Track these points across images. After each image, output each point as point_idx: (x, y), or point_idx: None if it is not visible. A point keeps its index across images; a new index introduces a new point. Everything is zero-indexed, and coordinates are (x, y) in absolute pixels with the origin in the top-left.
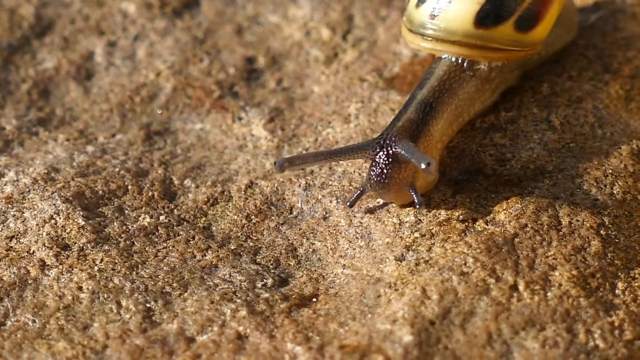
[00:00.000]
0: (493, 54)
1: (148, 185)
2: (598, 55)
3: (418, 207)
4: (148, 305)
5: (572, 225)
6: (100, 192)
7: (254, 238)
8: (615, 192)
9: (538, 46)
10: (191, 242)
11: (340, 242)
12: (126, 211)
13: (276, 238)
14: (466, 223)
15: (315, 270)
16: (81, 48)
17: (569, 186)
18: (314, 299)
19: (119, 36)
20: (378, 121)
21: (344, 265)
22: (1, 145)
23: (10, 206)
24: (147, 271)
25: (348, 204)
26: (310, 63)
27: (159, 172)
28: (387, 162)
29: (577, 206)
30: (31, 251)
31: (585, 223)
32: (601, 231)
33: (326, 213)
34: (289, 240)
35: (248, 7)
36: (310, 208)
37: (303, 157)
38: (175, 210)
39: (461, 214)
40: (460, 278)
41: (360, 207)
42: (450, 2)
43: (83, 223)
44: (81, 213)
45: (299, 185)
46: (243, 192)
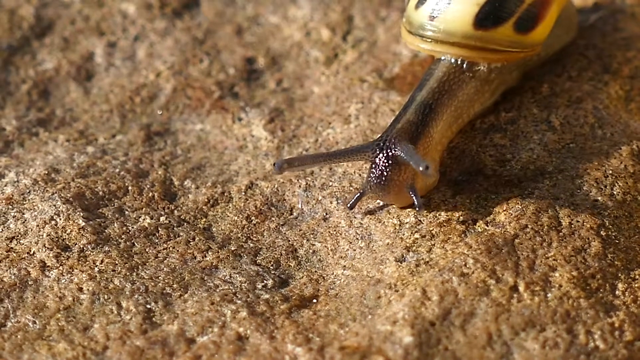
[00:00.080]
0: (492, 56)
1: (148, 186)
2: (598, 55)
3: (418, 210)
4: (148, 306)
5: (572, 226)
6: (100, 193)
7: (254, 239)
8: (615, 193)
9: (538, 47)
10: (191, 243)
11: (340, 243)
12: (126, 212)
13: (276, 239)
14: (466, 224)
15: (315, 271)
16: (81, 49)
17: (569, 187)
18: (314, 300)
19: (119, 37)
20: (378, 122)
21: (344, 266)
22: (1, 146)
23: (10, 207)
24: (148, 272)
25: (348, 206)
26: (310, 64)
27: (159, 173)
28: (387, 164)
29: (577, 207)
30: (31, 252)
31: (585, 224)
32: (601, 232)
33: (326, 214)
34: (289, 241)
35: (248, 8)
36: (310, 209)
37: (302, 159)
38: (175, 211)
39: (461, 215)
40: (460, 279)
41: (360, 208)
42: (449, 4)
43: (83, 224)
44: (81, 214)
45: (299, 186)
46: (243, 193)
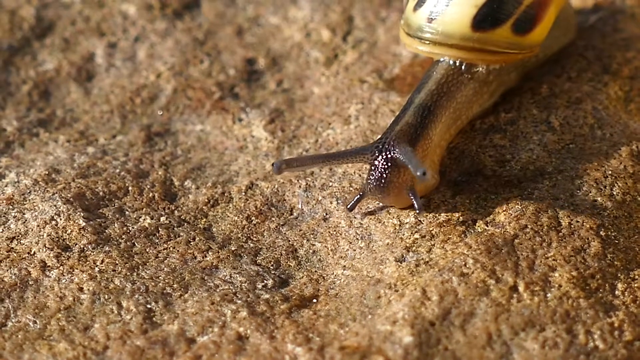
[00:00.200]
0: (491, 57)
1: (149, 186)
2: (597, 56)
3: (418, 213)
4: (149, 306)
5: (572, 226)
6: (100, 193)
7: (255, 239)
8: (614, 193)
9: (536, 48)
10: (192, 243)
11: (340, 243)
12: (127, 212)
13: (276, 239)
14: (466, 224)
15: (315, 271)
16: (82, 49)
17: (569, 187)
18: (314, 300)
19: (120, 37)
20: (378, 122)
21: (344, 266)
22: (2, 146)
23: (11, 207)
24: (148, 272)
25: (348, 208)
26: (310, 64)
27: (160, 173)
28: (386, 167)
29: (577, 207)
30: (32, 252)
31: (585, 224)
32: (601, 232)
33: (326, 214)
34: (290, 241)
35: (248, 9)
36: (310, 209)
37: (301, 160)
38: (175, 211)
39: (461, 215)
40: (460, 279)
41: (360, 209)
42: (447, 6)
43: (84, 224)
44: (82, 214)
45: (300, 186)
46: (243, 193)
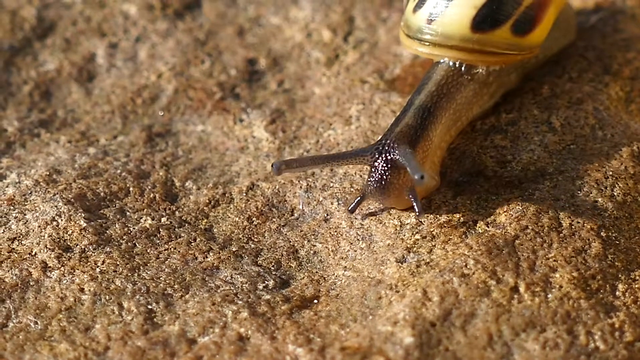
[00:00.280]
0: (490, 58)
1: (149, 187)
2: (598, 56)
3: (418, 215)
4: (150, 306)
5: (573, 227)
6: (101, 194)
7: (255, 240)
8: (615, 194)
9: (536, 49)
10: (192, 244)
11: (341, 244)
12: (128, 213)
13: (277, 240)
14: (467, 225)
15: (316, 272)
16: (83, 50)
17: (570, 188)
18: (315, 301)
19: (121, 38)
20: (379, 123)
21: (345, 267)
22: (3, 147)
23: (12, 208)
24: (149, 273)
25: (349, 210)
26: (311, 65)
27: (161, 174)
28: (386, 168)
29: (578, 208)
30: (33, 253)
31: (585, 225)
32: (602, 233)
33: (327, 215)
34: (290, 242)
35: (249, 9)
36: (311, 210)
37: (300, 161)
38: (176, 212)
39: (462, 216)
40: (461, 280)
41: (361, 210)
42: (447, 7)
43: (85, 225)
44: (83, 215)
45: (300, 187)
46: (244, 194)
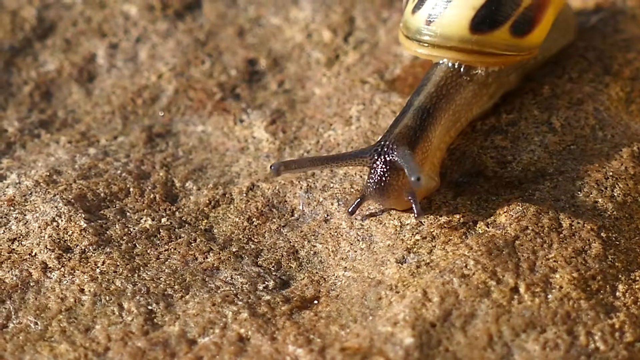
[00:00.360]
0: (489, 59)
1: (150, 187)
2: (598, 57)
3: (416, 217)
4: (150, 307)
5: (573, 227)
6: (102, 195)
7: (256, 240)
8: (615, 195)
9: (535, 50)
10: (193, 245)
11: (341, 245)
12: (128, 213)
13: (277, 240)
14: (467, 225)
15: (316, 272)
16: (83, 50)
17: (570, 188)
18: (315, 301)
19: (121, 38)
20: (379, 123)
21: (345, 267)
22: (3, 147)
23: (12, 208)
24: (149, 273)
25: (349, 212)
26: (311, 65)
27: (161, 175)
28: (385, 170)
29: (578, 208)
30: (33, 253)
31: (585, 225)
32: (602, 233)
33: (327, 215)
34: (291, 242)
35: (249, 9)
36: (311, 210)
37: (299, 162)
38: (176, 212)
39: (462, 217)
40: (461, 280)
41: (361, 210)
42: (445, 8)
43: (85, 225)
44: (83, 215)
45: (301, 187)
46: (244, 195)
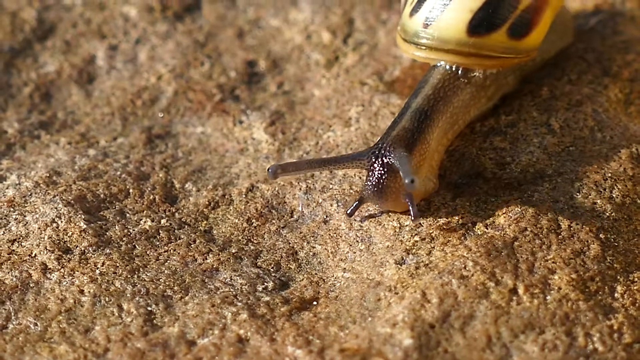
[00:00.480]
0: (487, 62)
1: (149, 188)
2: (597, 58)
3: (412, 219)
4: (149, 308)
5: (572, 229)
6: (101, 196)
7: (255, 241)
8: (614, 196)
9: (533, 53)
10: (192, 246)
11: (340, 246)
12: (127, 215)
13: (277, 241)
14: (466, 227)
15: (315, 273)
16: (83, 51)
17: (569, 190)
18: (315, 302)
19: (121, 40)
20: (378, 125)
21: (345, 268)
22: (3, 148)
23: (12, 209)
24: (149, 274)
25: (347, 214)
26: (311, 66)
27: (160, 176)
28: (383, 172)
29: (577, 210)
30: (33, 254)
31: (584, 227)
32: (600, 235)
33: (327, 217)
34: (290, 243)
35: (249, 11)
36: (310, 211)
37: (296, 164)
38: (176, 213)
39: (461, 218)
40: (460, 281)
41: (360, 212)
42: (443, 11)
43: (85, 226)
44: (83, 216)
45: (300, 188)
46: (244, 196)
